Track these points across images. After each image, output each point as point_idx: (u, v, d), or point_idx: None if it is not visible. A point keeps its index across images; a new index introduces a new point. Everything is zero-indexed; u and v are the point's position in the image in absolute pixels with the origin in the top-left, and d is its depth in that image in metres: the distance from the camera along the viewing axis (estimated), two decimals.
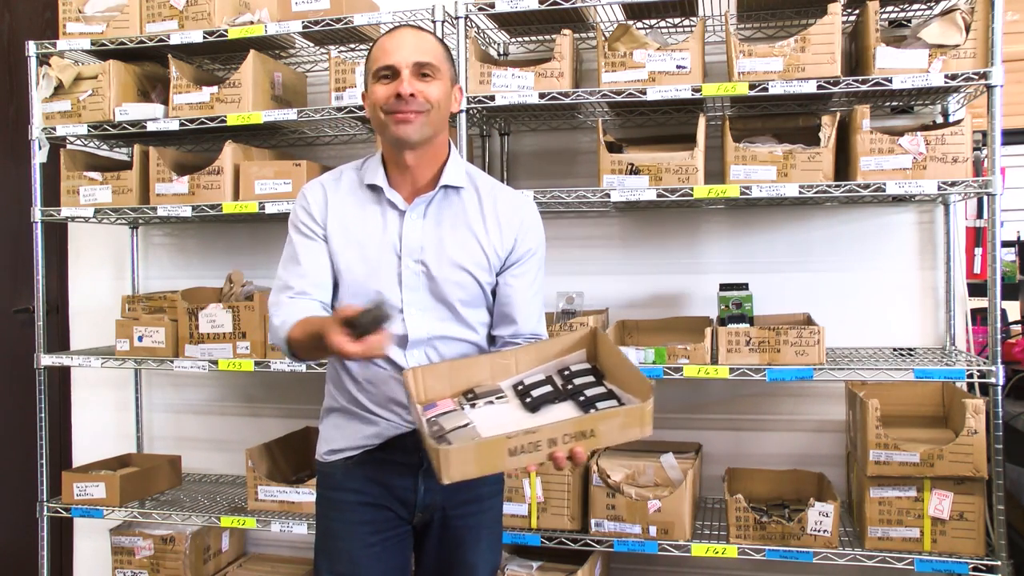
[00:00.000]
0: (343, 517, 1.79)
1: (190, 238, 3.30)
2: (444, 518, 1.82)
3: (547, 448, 1.45)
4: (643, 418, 1.49)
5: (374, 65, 1.70)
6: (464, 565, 1.83)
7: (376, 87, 1.69)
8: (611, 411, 1.50)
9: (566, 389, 1.64)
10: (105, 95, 2.78)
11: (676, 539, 2.41)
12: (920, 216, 2.72)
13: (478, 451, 1.42)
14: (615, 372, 1.66)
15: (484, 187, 1.79)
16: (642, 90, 2.39)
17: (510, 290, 1.78)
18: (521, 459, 1.44)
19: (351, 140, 3.11)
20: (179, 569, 2.85)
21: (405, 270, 1.72)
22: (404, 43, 1.68)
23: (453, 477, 1.42)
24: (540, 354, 1.72)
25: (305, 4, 2.69)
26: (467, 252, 1.73)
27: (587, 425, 1.47)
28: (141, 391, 3.32)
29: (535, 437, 1.43)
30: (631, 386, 1.59)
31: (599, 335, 1.74)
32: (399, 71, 1.66)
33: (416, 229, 1.73)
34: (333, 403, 1.82)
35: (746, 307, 2.50)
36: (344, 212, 1.75)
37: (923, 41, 2.28)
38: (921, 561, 2.29)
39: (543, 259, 1.85)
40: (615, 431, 1.49)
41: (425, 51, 1.68)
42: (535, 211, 1.83)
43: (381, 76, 1.68)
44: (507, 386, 1.69)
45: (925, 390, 2.61)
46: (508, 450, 1.42)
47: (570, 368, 1.70)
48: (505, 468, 1.45)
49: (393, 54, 1.67)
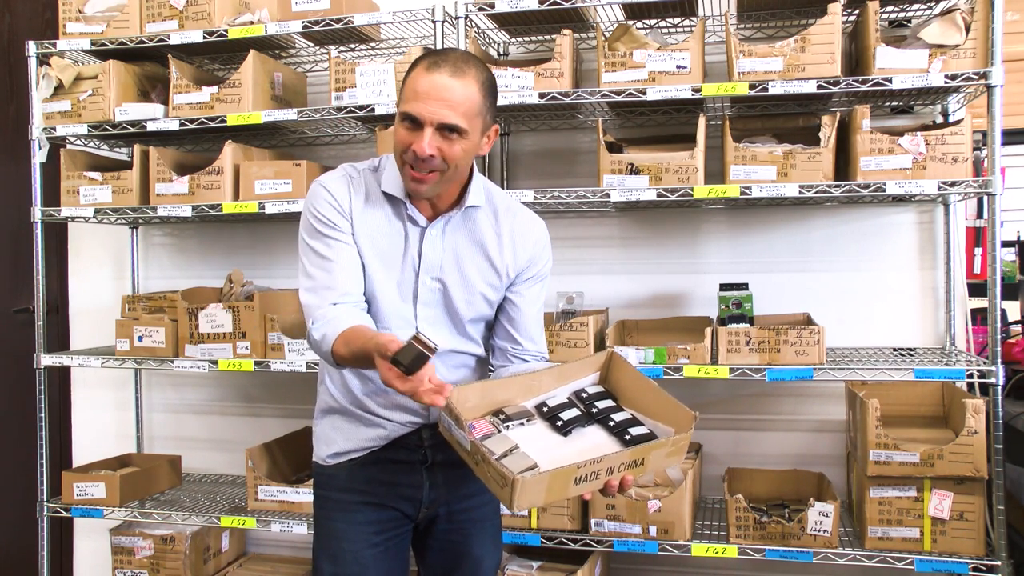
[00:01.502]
0: (348, 518, 1.78)
1: (190, 238, 3.29)
2: (449, 513, 1.83)
3: (605, 476, 1.50)
4: (683, 448, 1.59)
5: (403, 101, 1.59)
6: (471, 558, 1.84)
7: (399, 128, 1.60)
8: (661, 442, 1.57)
9: (590, 413, 1.68)
10: (105, 95, 2.78)
11: (676, 539, 2.41)
12: (920, 216, 2.72)
13: (551, 481, 1.44)
14: (637, 398, 1.70)
15: (501, 205, 1.79)
16: (642, 90, 2.39)
17: (518, 308, 1.81)
18: (582, 487, 1.49)
19: (351, 140, 3.11)
20: (179, 569, 2.85)
21: (422, 287, 1.72)
22: (437, 94, 1.55)
23: (523, 507, 1.43)
24: (561, 376, 1.74)
25: (305, 4, 2.69)
26: (482, 272, 1.75)
27: (640, 455, 1.54)
28: (141, 391, 3.32)
29: (597, 467, 1.48)
30: (663, 415, 1.64)
31: (616, 358, 1.76)
32: (423, 125, 1.57)
33: (436, 247, 1.73)
34: (333, 403, 1.81)
35: (746, 307, 2.50)
36: (368, 217, 1.71)
37: (923, 41, 2.28)
38: (921, 561, 2.29)
39: (548, 278, 1.89)
40: (661, 459, 1.58)
41: (455, 109, 1.56)
42: (547, 232, 1.85)
43: (405, 118, 1.59)
44: (531, 406, 1.70)
45: (925, 390, 2.61)
46: (574, 479, 1.46)
47: (586, 391, 1.73)
48: (568, 495, 1.49)
49: (422, 105, 1.56)
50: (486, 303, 1.77)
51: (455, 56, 1.60)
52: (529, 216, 1.83)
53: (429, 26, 2.63)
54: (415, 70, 1.59)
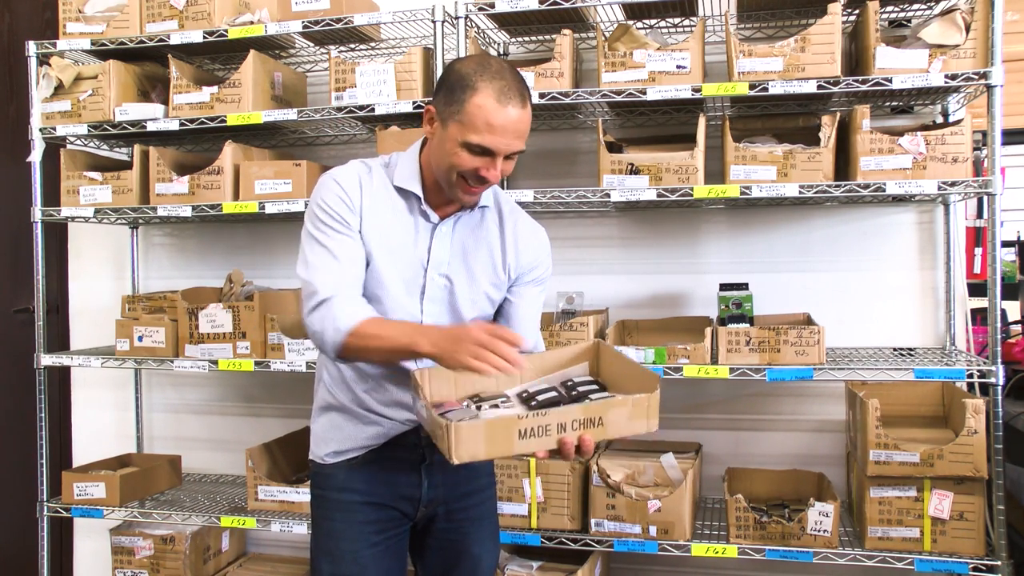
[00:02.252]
0: (347, 517, 1.78)
1: (190, 238, 3.30)
2: (447, 512, 1.84)
3: (556, 433, 1.46)
4: (650, 409, 1.50)
5: (470, 129, 1.58)
6: (469, 557, 1.85)
7: (461, 151, 1.60)
8: (619, 400, 1.51)
9: (570, 395, 1.67)
10: (105, 95, 2.78)
11: (676, 539, 2.41)
12: (920, 216, 2.72)
13: (488, 429, 1.42)
14: (619, 379, 1.68)
15: (506, 207, 1.83)
16: (642, 90, 2.39)
17: (517, 308, 1.83)
18: (530, 443, 1.44)
19: (351, 140, 3.11)
20: (179, 569, 2.85)
21: (430, 282, 1.73)
22: (513, 127, 1.59)
23: (462, 457, 1.41)
24: (544, 365, 1.74)
25: (305, 4, 2.69)
26: (487, 271, 1.78)
27: (595, 412, 1.48)
28: (141, 391, 3.32)
29: (544, 420, 1.44)
30: (636, 386, 1.60)
31: (602, 347, 1.76)
32: (495, 155, 1.61)
33: (445, 244, 1.75)
34: (331, 401, 1.81)
35: (746, 307, 2.50)
36: (379, 212, 1.71)
37: (923, 41, 2.28)
38: (921, 561, 2.28)
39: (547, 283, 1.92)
40: (622, 421, 1.50)
41: (524, 137, 1.63)
42: (547, 239, 1.89)
43: (475, 149, 1.59)
44: (512, 393, 1.71)
45: (925, 390, 2.61)
46: (518, 431, 1.43)
47: (573, 379, 1.73)
48: (514, 451, 1.45)
49: (499, 139, 1.59)
50: (489, 302, 1.80)
51: (516, 82, 1.61)
52: (531, 222, 1.88)
53: (429, 26, 2.63)
54: (481, 97, 1.57)
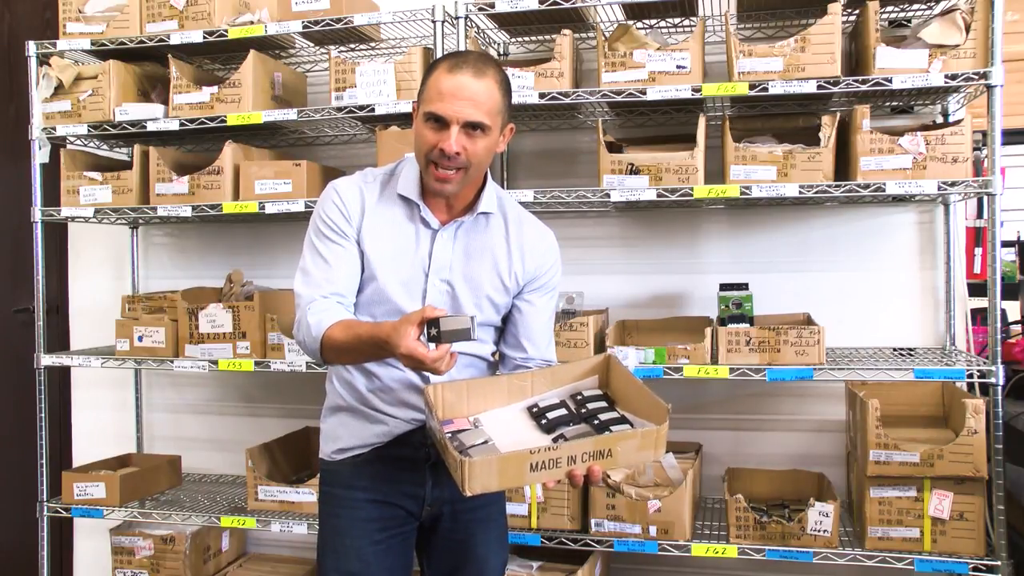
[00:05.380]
0: (351, 514, 1.79)
1: (190, 238, 3.29)
2: (453, 512, 1.84)
3: (566, 465, 1.49)
4: (658, 441, 1.55)
5: (426, 102, 1.63)
6: (475, 558, 1.86)
7: (423, 128, 1.64)
8: (628, 433, 1.55)
9: (580, 413, 1.68)
10: (105, 95, 2.77)
11: (676, 539, 2.41)
12: (920, 216, 2.72)
13: (501, 464, 1.45)
14: (628, 398, 1.70)
15: (511, 214, 1.83)
16: (642, 90, 2.39)
17: (527, 316, 1.83)
18: (541, 475, 1.48)
19: (351, 140, 3.11)
20: (179, 569, 2.85)
21: (431, 288, 1.74)
22: (462, 93, 1.60)
23: (475, 489, 1.44)
24: (555, 378, 1.75)
25: (305, 4, 2.69)
26: (490, 276, 1.78)
27: (605, 445, 1.52)
28: (141, 391, 3.32)
29: (556, 454, 1.48)
30: (645, 411, 1.63)
31: (612, 361, 1.77)
32: (448, 124, 1.61)
33: (447, 250, 1.75)
34: (340, 401, 1.82)
35: (746, 307, 2.50)
36: (379, 221, 1.74)
37: (923, 41, 2.28)
38: (921, 561, 2.28)
39: (558, 289, 1.91)
40: (631, 452, 1.54)
41: (480, 107, 1.62)
42: (556, 245, 1.88)
43: (429, 118, 1.63)
44: (522, 407, 1.71)
45: (925, 390, 2.61)
46: (530, 465, 1.46)
47: (583, 393, 1.74)
48: (525, 483, 1.49)
49: (447, 104, 1.60)
50: (493, 308, 1.80)
51: (475, 57, 1.66)
52: (539, 227, 1.87)
53: (429, 26, 2.62)
54: (436, 72, 1.64)
